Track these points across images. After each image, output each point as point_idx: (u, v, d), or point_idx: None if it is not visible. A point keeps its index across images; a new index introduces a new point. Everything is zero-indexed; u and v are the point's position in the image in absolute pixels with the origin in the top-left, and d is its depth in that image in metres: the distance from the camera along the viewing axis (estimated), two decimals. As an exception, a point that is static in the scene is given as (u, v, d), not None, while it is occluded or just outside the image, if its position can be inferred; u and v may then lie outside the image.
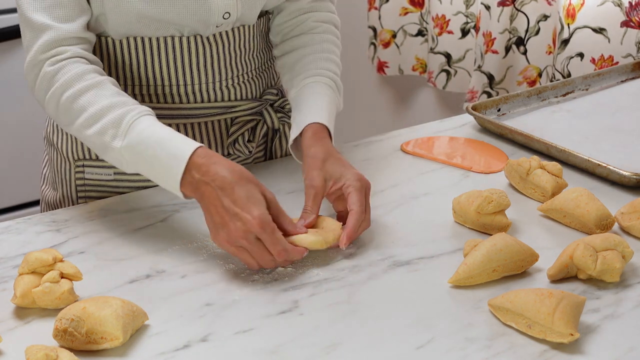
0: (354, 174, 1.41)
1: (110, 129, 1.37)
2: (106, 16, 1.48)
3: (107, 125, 1.37)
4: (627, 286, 1.31)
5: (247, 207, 1.29)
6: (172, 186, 1.35)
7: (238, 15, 1.53)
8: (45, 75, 1.43)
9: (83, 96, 1.40)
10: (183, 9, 1.47)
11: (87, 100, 1.39)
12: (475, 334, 1.21)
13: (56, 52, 1.43)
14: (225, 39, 1.56)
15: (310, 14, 1.65)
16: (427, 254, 1.39)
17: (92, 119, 1.38)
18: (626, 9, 2.33)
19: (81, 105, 1.39)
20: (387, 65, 3.03)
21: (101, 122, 1.38)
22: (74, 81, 1.41)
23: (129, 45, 1.52)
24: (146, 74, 1.54)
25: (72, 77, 1.41)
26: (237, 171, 1.32)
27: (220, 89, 1.59)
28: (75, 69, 1.41)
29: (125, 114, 1.38)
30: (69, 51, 1.43)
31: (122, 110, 1.38)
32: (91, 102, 1.39)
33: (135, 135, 1.36)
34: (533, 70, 2.61)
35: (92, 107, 1.39)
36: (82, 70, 1.42)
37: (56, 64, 1.42)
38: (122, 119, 1.37)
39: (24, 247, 1.41)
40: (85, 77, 1.41)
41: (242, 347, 1.18)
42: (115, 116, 1.37)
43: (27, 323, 1.23)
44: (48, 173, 1.68)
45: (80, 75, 1.41)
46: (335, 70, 1.60)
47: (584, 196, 1.44)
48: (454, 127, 1.83)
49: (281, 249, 1.30)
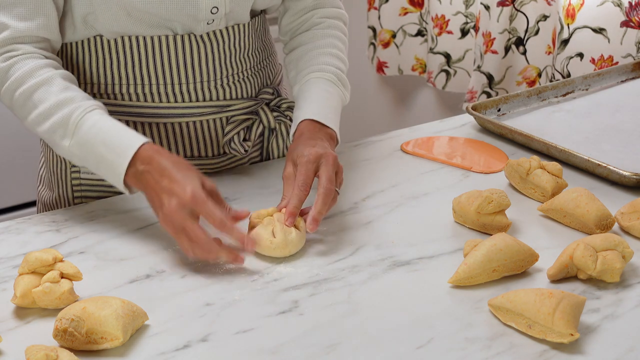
0: (307, 151, 1.41)
1: (58, 129, 1.42)
2: (96, 15, 1.48)
3: (55, 125, 1.42)
4: (627, 286, 1.31)
5: (181, 184, 1.33)
6: (117, 180, 1.39)
7: (227, 10, 1.53)
8: None
9: (35, 93, 1.43)
10: (170, 2, 1.47)
11: (37, 97, 1.43)
12: (475, 334, 1.21)
13: (9, 49, 1.46)
14: (219, 37, 1.56)
15: (316, 11, 1.66)
16: (427, 254, 1.39)
17: (42, 116, 1.42)
18: (626, 9, 2.33)
19: (32, 103, 1.43)
20: (386, 65, 3.03)
21: (50, 121, 1.42)
22: (25, 78, 1.44)
23: (123, 44, 1.52)
24: (140, 73, 1.54)
25: (23, 73, 1.44)
26: (178, 160, 1.37)
27: (215, 87, 1.59)
28: (27, 65, 1.44)
29: (72, 112, 1.41)
30: (22, 49, 1.46)
31: (69, 108, 1.41)
32: (41, 100, 1.43)
33: (82, 133, 1.40)
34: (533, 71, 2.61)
35: (41, 104, 1.42)
36: (33, 66, 1.44)
37: (8, 60, 1.45)
38: (69, 118, 1.41)
39: (24, 247, 1.41)
40: (36, 74, 1.44)
41: (242, 347, 1.18)
42: (62, 115, 1.41)
43: (27, 323, 1.23)
44: (45, 174, 1.68)
45: (32, 71, 1.44)
46: (337, 65, 1.61)
47: (584, 196, 1.44)
48: (454, 127, 1.83)
49: (217, 218, 1.31)
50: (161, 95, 1.56)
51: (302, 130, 1.50)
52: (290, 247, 1.37)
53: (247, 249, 1.34)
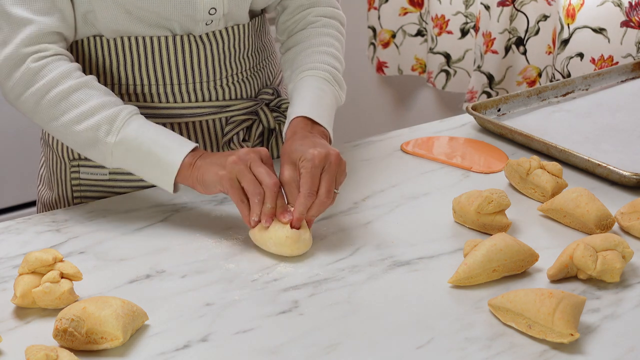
0: (310, 153, 1.38)
1: (104, 125, 1.42)
2: (95, 13, 1.48)
3: (101, 122, 1.42)
4: (627, 286, 1.31)
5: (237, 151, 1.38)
6: (166, 178, 1.41)
7: (225, 11, 1.53)
8: (28, 71, 1.44)
9: (74, 94, 1.43)
10: (168, 1, 1.47)
11: (77, 97, 1.43)
12: (475, 334, 1.20)
13: (39, 49, 1.45)
14: (218, 38, 1.56)
15: (311, 9, 1.66)
16: (427, 254, 1.39)
17: (84, 115, 1.42)
18: (626, 9, 2.33)
19: (71, 103, 1.43)
20: (386, 65, 3.03)
21: (94, 119, 1.42)
22: (62, 79, 1.43)
23: (123, 45, 1.52)
24: (140, 73, 1.54)
25: (59, 74, 1.44)
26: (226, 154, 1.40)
27: (215, 88, 1.59)
28: (61, 67, 1.44)
29: (119, 112, 1.43)
30: (52, 49, 1.45)
31: (115, 108, 1.43)
32: (82, 100, 1.43)
33: (130, 132, 1.42)
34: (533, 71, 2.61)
35: (83, 104, 1.43)
36: (68, 68, 1.45)
37: (40, 61, 1.44)
38: (116, 116, 1.42)
39: (24, 247, 1.41)
40: (73, 75, 1.44)
41: (242, 347, 1.18)
42: (109, 113, 1.43)
43: (27, 323, 1.23)
44: (44, 173, 1.68)
45: (67, 73, 1.44)
46: (332, 64, 1.60)
47: (584, 196, 1.44)
48: (454, 127, 1.83)
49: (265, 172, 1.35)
50: (160, 96, 1.56)
51: (295, 128, 1.47)
52: (301, 246, 1.36)
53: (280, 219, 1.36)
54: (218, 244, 1.41)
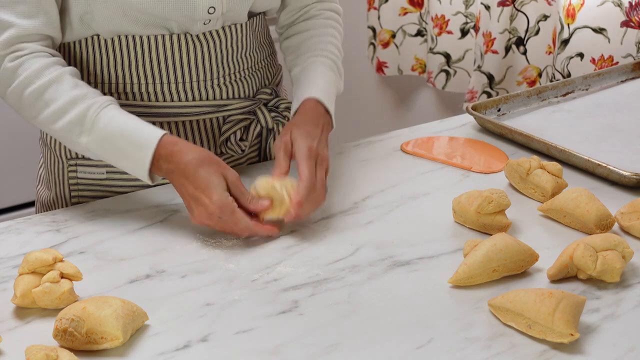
0: (305, 144, 1.45)
1: (75, 127, 1.44)
2: (93, 14, 1.49)
3: (71, 122, 1.44)
4: (627, 286, 1.31)
5: (207, 192, 1.38)
6: (142, 175, 1.43)
7: (223, 10, 1.53)
8: (5, 71, 1.47)
9: (46, 92, 1.45)
10: (167, 2, 1.47)
11: (49, 96, 1.45)
12: (475, 334, 1.20)
13: (16, 49, 1.47)
14: (215, 37, 1.56)
15: (314, 4, 1.71)
16: (427, 254, 1.39)
17: (55, 115, 1.45)
18: (626, 9, 2.33)
19: (44, 102, 1.45)
20: (386, 65, 3.03)
21: (65, 119, 1.44)
22: (35, 77, 1.45)
23: (120, 44, 1.52)
24: (137, 72, 1.54)
25: (33, 72, 1.45)
26: (198, 156, 1.41)
27: (212, 87, 1.59)
28: (36, 64, 1.46)
29: (87, 109, 1.44)
30: (28, 47, 1.47)
31: (83, 105, 1.44)
32: (53, 98, 1.45)
33: (99, 130, 1.43)
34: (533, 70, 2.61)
35: (53, 103, 1.45)
36: (42, 64, 1.46)
37: (16, 60, 1.46)
38: (85, 115, 1.43)
39: (24, 247, 1.41)
40: (46, 72, 1.46)
41: (242, 347, 1.18)
42: (77, 112, 1.44)
43: (27, 323, 1.23)
44: (43, 173, 1.69)
45: (41, 70, 1.46)
46: (337, 54, 1.66)
47: (584, 196, 1.44)
48: (454, 127, 1.83)
49: (244, 227, 1.39)
50: (157, 94, 1.56)
51: (307, 110, 1.54)
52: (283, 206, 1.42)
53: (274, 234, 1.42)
54: (218, 244, 1.41)
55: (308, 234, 1.44)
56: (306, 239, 1.43)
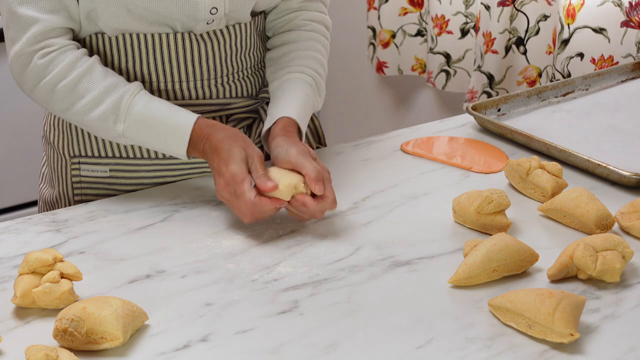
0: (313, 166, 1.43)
1: (110, 115, 1.48)
2: (97, 11, 1.50)
3: (106, 112, 1.48)
4: (627, 286, 1.31)
5: (226, 161, 1.42)
6: (180, 155, 1.49)
7: (226, 11, 1.53)
8: (35, 67, 1.49)
9: (79, 84, 1.48)
10: (170, 1, 1.48)
11: (82, 88, 1.48)
12: (475, 334, 1.21)
13: (45, 45, 1.49)
14: (219, 36, 1.57)
15: (300, 12, 1.67)
16: (427, 254, 1.39)
17: (90, 105, 1.48)
18: (626, 9, 2.33)
19: (78, 93, 1.48)
20: (386, 65, 3.03)
21: (100, 109, 1.48)
22: (68, 71, 1.48)
23: (124, 42, 1.53)
24: (141, 70, 1.55)
25: (65, 66, 1.48)
26: (228, 133, 1.46)
27: (216, 86, 1.59)
28: (67, 59, 1.48)
29: (121, 97, 1.48)
30: (57, 43, 1.49)
31: (117, 94, 1.48)
32: (87, 89, 1.48)
33: (135, 117, 1.48)
34: (533, 70, 2.61)
35: (88, 94, 1.48)
36: (73, 58, 1.49)
37: (46, 57, 1.49)
38: (119, 104, 1.48)
39: (24, 247, 1.41)
40: (76, 66, 1.49)
41: (242, 347, 1.18)
42: (112, 101, 1.48)
43: (27, 323, 1.23)
44: (46, 171, 1.69)
45: (73, 64, 1.48)
46: (317, 69, 1.63)
47: (584, 196, 1.44)
48: (454, 127, 1.83)
49: (248, 200, 1.40)
50: (161, 93, 1.56)
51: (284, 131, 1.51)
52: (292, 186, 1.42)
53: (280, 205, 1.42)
54: (218, 244, 1.41)
55: (308, 234, 1.44)
56: (306, 239, 1.43)
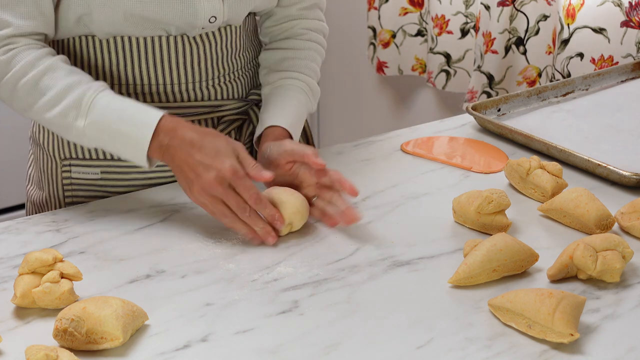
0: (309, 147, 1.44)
1: (71, 111, 1.43)
2: (92, 16, 1.49)
3: (68, 107, 1.43)
4: (627, 286, 1.31)
5: (218, 157, 1.38)
6: (139, 155, 1.42)
7: (225, 19, 1.55)
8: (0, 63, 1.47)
9: (40, 81, 1.45)
10: (169, 9, 1.48)
11: (44, 84, 1.45)
12: (475, 334, 1.21)
13: (8, 42, 1.47)
14: (212, 39, 1.57)
15: (299, 21, 1.68)
16: (427, 254, 1.39)
17: (51, 102, 1.44)
18: (626, 9, 2.33)
19: (39, 90, 1.45)
20: (386, 65, 3.03)
21: (62, 105, 1.44)
22: (29, 68, 1.45)
23: (115, 44, 1.53)
24: (133, 73, 1.54)
25: (26, 63, 1.45)
26: (203, 130, 1.41)
27: (207, 88, 1.59)
28: (29, 56, 1.46)
29: (84, 93, 1.43)
30: (21, 41, 1.47)
31: (79, 90, 1.44)
32: (48, 86, 1.44)
33: (97, 112, 1.42)
34: (533, 70, 2.61)
35: (49, 90, 1.44)
36: (35, 56, 1.46)
37: (8, 53, 1.46)
38: (81, 99, 1.43)
39: (24, 247, 1.41)
40: (39, 62, 1.46)
41: (242, 347, 1.18)
42: (74, 97, 1.43)
43: (27, 323, 1.23)
44: (34, 172, 1.68)
45: (35, 61, 1.46)
46: (312, 76, 1.65)
47: (584, 196, 1.44)
48: (454, 127, 1.83)
49: (253, 194, 1.38)
50: (153, 95, 1.56)
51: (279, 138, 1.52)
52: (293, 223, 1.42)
53: (276, 226, 1.39)
54: (218, 244, 1.41)
55: (308, 234, 1.44)
56: (306, 239, 1.43)
